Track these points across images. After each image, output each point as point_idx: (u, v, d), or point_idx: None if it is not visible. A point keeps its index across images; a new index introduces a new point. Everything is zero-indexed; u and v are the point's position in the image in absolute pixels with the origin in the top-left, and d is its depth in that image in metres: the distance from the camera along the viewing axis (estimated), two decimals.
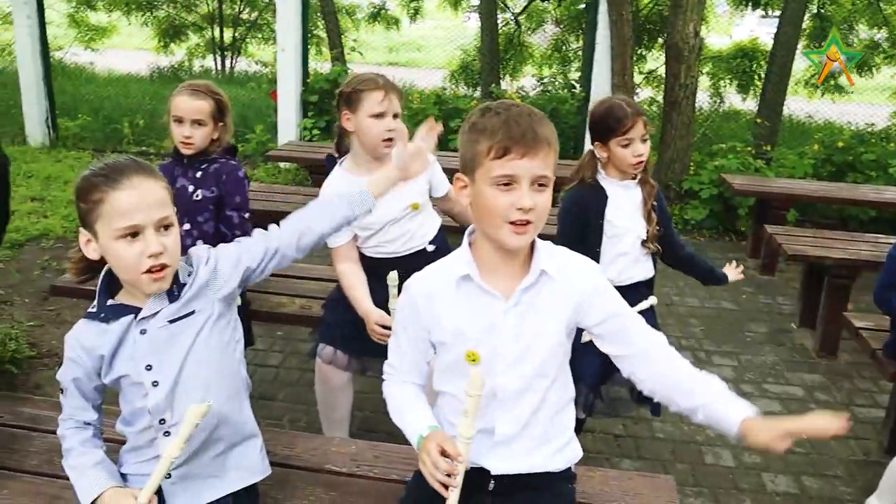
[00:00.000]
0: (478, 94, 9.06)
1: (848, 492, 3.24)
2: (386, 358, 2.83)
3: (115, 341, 1.72)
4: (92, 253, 1.68)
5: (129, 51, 13.37)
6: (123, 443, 1.89)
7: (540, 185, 1.62)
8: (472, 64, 12.09)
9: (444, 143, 7.10)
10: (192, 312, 1.73)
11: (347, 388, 2.94)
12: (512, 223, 1.62)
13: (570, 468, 1.91)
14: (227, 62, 13.31)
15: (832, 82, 10.94)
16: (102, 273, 1.75)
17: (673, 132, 6.40)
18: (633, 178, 2.87)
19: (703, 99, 9.50)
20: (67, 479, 2.03)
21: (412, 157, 2.13)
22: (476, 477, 1.81)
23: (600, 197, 2.88)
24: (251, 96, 9.79)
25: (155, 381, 1.71)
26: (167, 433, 1.76)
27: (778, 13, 10.39)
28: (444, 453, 1.66)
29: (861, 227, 6.38)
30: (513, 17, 10.75)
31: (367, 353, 2.87)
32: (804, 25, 7.30)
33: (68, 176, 7.03)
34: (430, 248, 2.95)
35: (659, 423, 3.59)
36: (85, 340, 1.74)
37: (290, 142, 6.91)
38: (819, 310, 4.47)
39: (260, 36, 13.53)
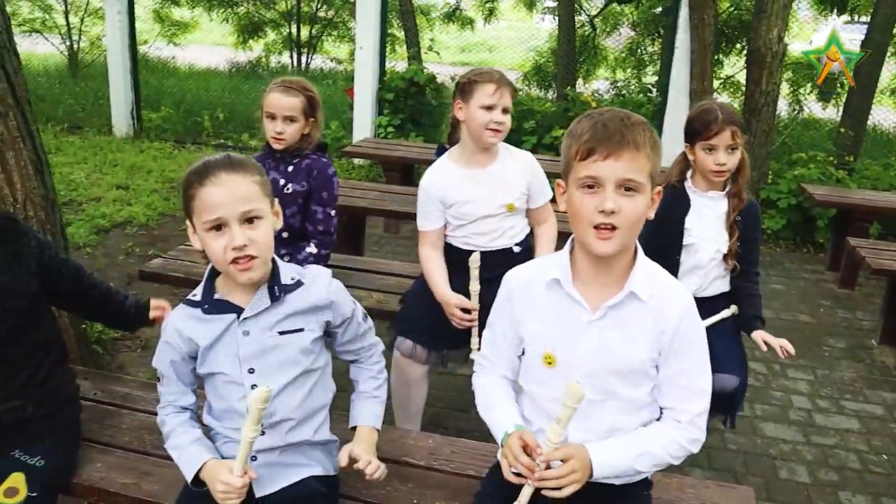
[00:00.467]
0: (552, 95, 9.00)
1: None
2: (463, 351, 2.87)
3: (214, 335, 1.81)
4: (195, 243, 1.77)
5: (207, 46, 13.74)
6: None
7: (627, 188, 1.60)
8: (545, 66, 12.05)
9: (517, 145, 7.11)
10: (301, 330, 1.82)
11: (423, 382, 2.99)
12: (596, 227, 1.62)
13: (646, 476, 1.90)
14: (303, 59, 13.56)
15: None
16: (210, 265, 1.84)
17: (752, 140, 6.25)
18: (722, 190, 2.84)
19: (781, 106, 9.24)
20: (158, 456, 2.17)
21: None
22: None
23: (683, 203, 2.87)
24: (326, 93, 9.96)
25: (255, 385, 1.78)
26: (262, 433, 1.83)
27: (864, 19, 10.06)
28: (525, 449, 1.69)
29: None
30: (588, 20, 10.64)
31: (446, 347, 2.93)
32: (895, 31, 7.00)
33: (151, 166, 7.30)
34: (517, 248, 2.98)
35: (731, 434, 3.52)
36: (183, 328, 1.83)
37: (366, 139, 7.00)
38: None
39: (336, 34, 13.72)
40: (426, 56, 8.33)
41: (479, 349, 2.61)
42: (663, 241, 2.85)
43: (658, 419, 1.81)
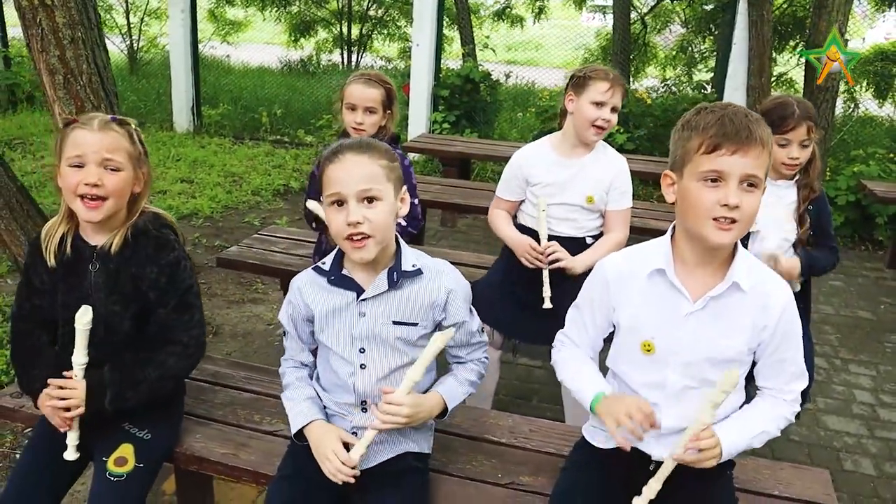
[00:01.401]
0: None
1: None
2: (538, 343, 2.94)
3: (333, 307, 1.93)
4: (326, 219, 1.92)
5: (259, 45, 14.01)
6: None
7: (749, 184, 1.65)
8: (592, 63, 12.07)
9: None
10: (415, 324, 1.93)
11: (496, 367, 3.08)
12: (715, 220, 1.66)
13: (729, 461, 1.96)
14: (353, 57, 13.75)
15: None
16: None
17: None
18: (791, 179, 2.87)
19: (837, 103, 9.14)
20: (251, 429, 2.30)
21: (385, 412, 1.88)
22: (637, 458, 1.90)
23: None
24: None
25: (363, 364, 1.90)
26: (364, 409, 1.95)
27: None
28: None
29: None
30: (639, 17, 10.63)
31: (520, 336, 3.02)
32: None
33: (212, 160, 7.51)
34: (590, 241, 3.04)
35: (794, 426, 3.54)
36: (306, 291, 1.96)
37: (422, 134, 7.12)
38: None
39: (386, 32, 13.90)
40: (481, 54, 8.41)
41: (549, 305, 2.81)
42: None
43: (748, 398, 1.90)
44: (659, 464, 1.86)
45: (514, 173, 3.03)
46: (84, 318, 1.91)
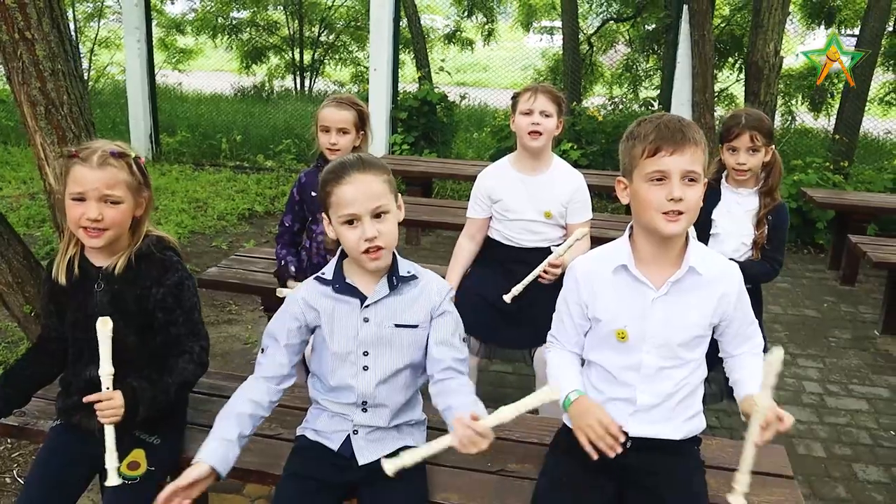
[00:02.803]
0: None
1: None
2: (514, 348, 3.14)
3: (339, 313, 2.06)
4: (330, 233, 2.05)
5: (209, 72, 14.06)
6: None
7: (690, 179, 1.89)
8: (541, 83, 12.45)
9: None
10: (416, 326, 2.08)
11: (474, 373, 3.25)
12: (665, 213, 1.90)
13: (696, 435, 2.17)
14: (307, 82, 13.90)
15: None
16: (339, 250, 2.11)
17: None
18: (753, 188, 3.13)
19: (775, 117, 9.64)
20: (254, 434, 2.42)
21: (471, 440, 1.83)
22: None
23: (713, 198, 3.18)
24: None
25: (366, 367, 2.04)
26: (364, 409, 2.10)
27: (851, 31, 10.47)
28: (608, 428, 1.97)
29: None
30: (586, 38, 11.03)
31: (497, 341, 3.20)
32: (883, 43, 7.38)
33: (175, 187, 7.56)
34: (554, 248, 3.27)
35: None
36: (312, 300, 2.09)
37: (384, 155, 7.30)
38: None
39: (337, 57, 14.09)
40: (435, 77, 8.64)
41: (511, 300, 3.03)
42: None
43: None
44: (637, 439, 2.07)
45: (478, 192, 3.26)
46: (105, 327, 2.02)
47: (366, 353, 2.06)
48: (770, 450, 2.46)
